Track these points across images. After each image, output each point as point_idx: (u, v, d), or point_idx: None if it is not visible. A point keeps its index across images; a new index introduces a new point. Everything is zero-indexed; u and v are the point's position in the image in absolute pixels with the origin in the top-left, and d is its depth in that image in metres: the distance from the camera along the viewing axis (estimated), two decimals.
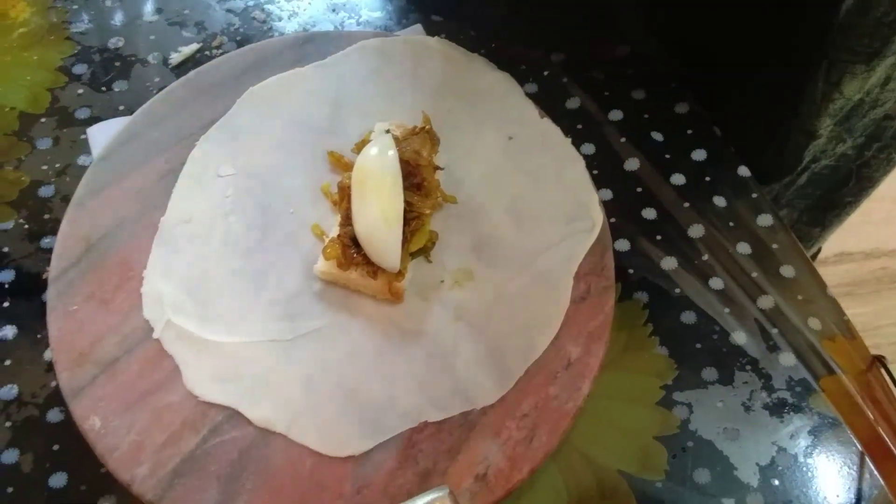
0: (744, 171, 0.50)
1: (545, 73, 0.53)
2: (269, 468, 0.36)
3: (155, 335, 0.39)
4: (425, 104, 0.41)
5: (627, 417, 0.42)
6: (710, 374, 0.43)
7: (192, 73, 0.47)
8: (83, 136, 0.49)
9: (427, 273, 0.41)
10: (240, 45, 0.53)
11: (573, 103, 0.51)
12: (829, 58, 0.28)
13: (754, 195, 0.49)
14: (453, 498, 0.29)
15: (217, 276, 0.40)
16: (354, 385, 0.38)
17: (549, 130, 0.45)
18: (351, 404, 0.37)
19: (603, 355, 0.40)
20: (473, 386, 0.38)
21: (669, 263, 0.46)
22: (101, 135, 0.48)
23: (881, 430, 0.42)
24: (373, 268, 0.39)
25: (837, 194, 0.61)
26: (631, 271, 0.46)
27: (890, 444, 0.42)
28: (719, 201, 0.49)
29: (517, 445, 0.37)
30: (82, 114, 0.50)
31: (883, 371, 0.43)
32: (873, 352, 0.44)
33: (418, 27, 0.53)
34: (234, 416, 0.38)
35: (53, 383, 0.42)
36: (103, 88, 0.51)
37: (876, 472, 0.41)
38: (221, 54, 0.52)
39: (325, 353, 0.39)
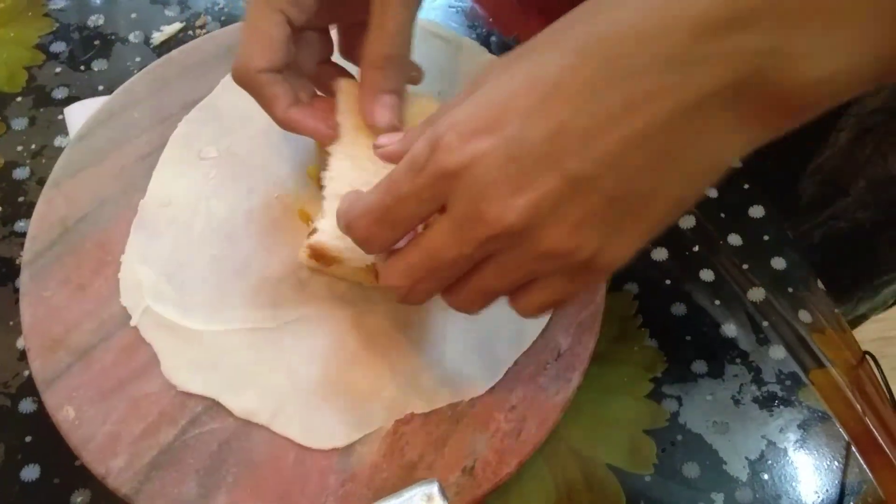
0: (735, 162, 0.49)
1: (486, 66, 0.52)
2: (250, 461, 0.35)
3: (133, 322, 0.37)
4: (415, 86, 0.40)
5: (616, 410, 0.42)
6: (699, 366, 0.43)
7: (174, 52, 0.45)
8: (60, 117, 0.47)
9: None
10: (224, 24, 0.51)
11: None
12: (883, 130, 0.26)
13: (746, 186, 0.48)
14: (442, 491, 0.28)
15: (198, 262, 0.39)
16: (339, 375, 0.37)
17: None
18: (336, 395, 0.36)
19: (593, 346, 0.39)
20: (461, 377, 0.37)
21: (660, 254, 0.46)
22: (78, 115, 0.46)
23: (870, 424, 0.42)
24: None
25: (839, 271, 0.55)
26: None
27: (878, 437, 0.41)
28: (711, 192, 0.48)
29: (505, 438, 0.36)
30: (60, 93, 0.48)
31: (873, 365, 0.43)
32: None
33: None
34: (213, 406, 0.36)
35: (26, 372, 0.40)
36: (82, 67, 0.49)
37: (864, 466, 0.41)
38: (205, 34, 0.51)
39: (309, 343, 0.38)
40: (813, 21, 0.21)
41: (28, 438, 0.39)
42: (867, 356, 0.43)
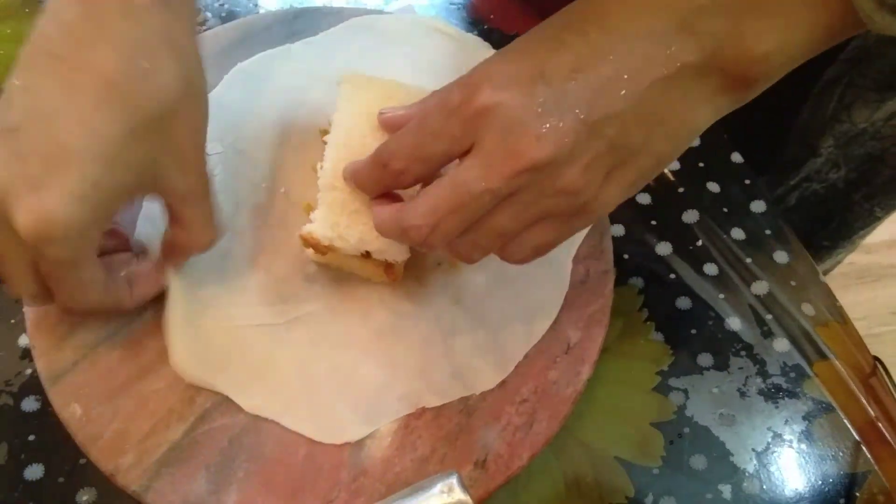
0: (737, 157, 0.49)
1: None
2: (261, 456, 0.35)
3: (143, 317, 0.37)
4: (420, 82, 0.40)
5: (624, 404, 0.42)
6: (705, 359, 0.43)
7: None
8: None
9: (423, 254, 0.40)
10: (225, 21, 0.51)
11: None
12: (846, 80, 0.29)
13: (747, 181, 0.49)
14: (462, 483, 0.28)
15: (205, 258, 0.38)
16: (350, 370, 0.37)
17: None
18: (346, 390, 0.36)
19: (603, 340, 0.39)
20: (472, 371, 0.37)
21: (664, 249, 0.46)
22: None
23: (874, 415, 0.42)
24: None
25: (818, 234, 0.61)
26: (626, 256, 0.46)
27: (883, 428, 0.42)
28: (713, 187, 0.48)
29: (517, 431, 0.36)
30: None
31: (883, 373, 0.43)
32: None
33: (409, 6, 0.52)
34: (223, 402, 0.36)
35: (29, 371, 0.40)
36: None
37: (869, 456, 0.41)
38: (207, 31, 0.50)
39: (319, 338, 0.37)
40: (758, 10, 0.27)
41: (31, 437, 0.38)
42: (876, 361, 0.43)
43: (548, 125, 0.28)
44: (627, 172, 0.30)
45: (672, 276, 0.45)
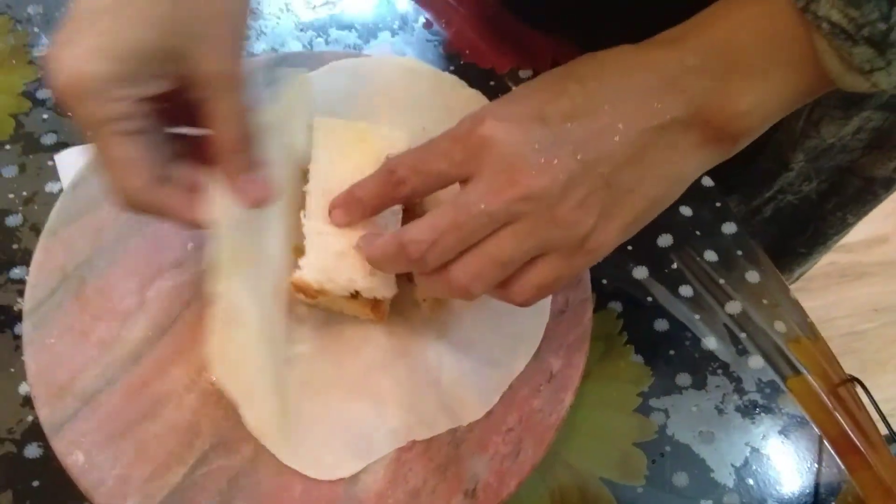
0: (707, 181, 0.51)
1: (513, 88, 0.54)
2: (258, 495, 0.36)
3: None
4: (399, 123, 0.42)
5: (607, 425, 0.43)
6: (684, 379, 0.45)
7: None
8: (50, 163, 0.48)
9: (408, 291, 0.41)
10: None
11: None
12: (813, 100, 0.31)
13: (718, 204, 0.51)
14: None
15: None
16: (341, 407, 0.38)
17: None
18: (339, 426, 0.38)
19: (583, 366, 0.41)
20: (459, 403, 0.39)
21: (641, 273, 0.48)
22: (70, 161, 0.47)
23: (846, 426, 0.44)
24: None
25: (793, 241, 0.64)
26: (605, 282, 0.47)
27: (854, 439, 0.44)
28: (685, 210, 0.50)
29: (504, 460, 0.38)
30: (49, 139, 0.49)
31: (861, 391, 0.45)
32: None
33: (386, 46, 0.54)
34: (220, 444, 0.37)
35: (30, 418, 0.41)
36: (70, 113, 0.50)
37: (843, 467, 0.43)
38: None
39: (310, 377, 0.39)
40: (740, 72, 0.30)
41: (35, 483, 0.39)
42: (854, 381, 0.45)
43: (544, 160, 0.30)
44: (623, 212, 0.32)
45: (649, 299, 0.47)
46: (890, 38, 0.27)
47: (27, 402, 0.41)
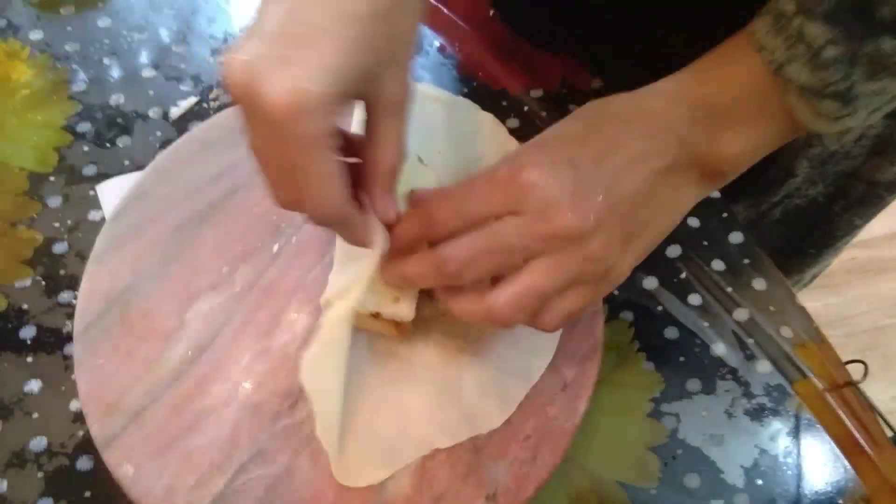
0: (714, 192, 0.53)
1: (525, 108, 0.56)
2: (294, 502, 0.39)
3: None
4: (416, 147, 0.44)
5: (621, 430, 0.46)
6: (694, 385, 0.47)
7: (194, 130, 0.49)
8: (92, 193, 0.51)
9: (427, 306, 0.44)
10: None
11: None
12: None
13: (724, 215, 0.53)
14: None
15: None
16: (369, 418, 0.41)
17: None
18: (367, 436, 0.40)
19: (596, 375, 0.43)
20: (479, 412, 0.41)
21: (651, 283, 0.50)
22: (110, 191, 0.50)
23: (851, 428, 0.46)
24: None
25: (803, 243, 0.66)
26: (616, 293, 0.49)
27: (860, 439, 0.45)
28: (693, 222, 0.52)
29: (523, 465, 0.40)
30: (89, 170, 0.52)
31: (855, 391, 0.46)
32: (847, 342, 0.48)
33: None
34: (257, 455, 0.40)
35: (81, 433, 0.44)
36: (108, 145, 0.53)
37: (849, 466, 0.45)
38: (219, 106, 0.55)
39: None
40: (727, 123, 0.36)
41: (87, 494, 0.42)
42: (850, 385, 0.47)
43: (575, 201, 0.34)
44: (637, 244, 0.36)
45: (659, 308, 0.49)
46: (852, 93, 0.31)
47: (78, 417, 0.44)
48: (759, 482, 0.44)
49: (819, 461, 0.45)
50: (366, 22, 0.31)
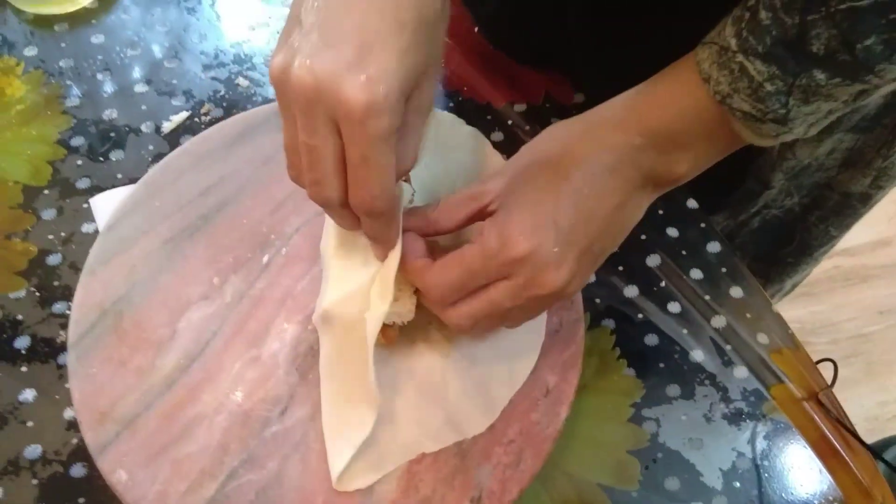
0: (692, 203, 0.55)
1: (509, 122, 0.58)
2: None
3: None
4: None
5: (602, 434, 0.47)
6: (673, 390, 0.48)
7: (187, 144, 0.51)
8: (85, 205, 0.52)
9: (415, 317, 0.45)
10: (226, 110, 0.57)
11: None
12: None
13: (702, 225, 0.54)
14: None
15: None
16: (356, 423, 0.42)
17: None
18: (355, 441, 0.41)
19: (577, 382, 0.44)
20: (464, 417, 0.42)
21: (631, 291, 0.52)
22: (103, 204, 0.51)
23: (826, 431, 0.47)
24: None
25: (781, 251, 0.68)
26: (598, 301, 0.51)
27: (834, 442, 0.47)
28: (672, 232, 0.54)
29: (506, 469, 0.41)
30: (83, 184, 0.53)
31: (830, 396, 0.48)
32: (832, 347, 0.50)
33: None
34: (247, 461, 0.41)
35: (74, 441, 0.45)
36: (101, 158, 0.54)
37: (823, 469, 0.46)
38: (210, 120, 0.56)
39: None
40: (676, 147, 0.38)
41: (81, 500, 0.43)
42: (828, 388, 0.48)
43: (560, 262, 0.37)
44: (597, 265, 0.41)
45: (640, 315, 0.51)
46: (789, 116, 0.35)
47: (71, 426, 0.45)
48: (737, 484, 0.46)
49: (795, 464, 0.47)
50: (416, 29, 0.33)
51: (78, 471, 0.44)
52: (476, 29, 0.62)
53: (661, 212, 0.54)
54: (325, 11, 0.33)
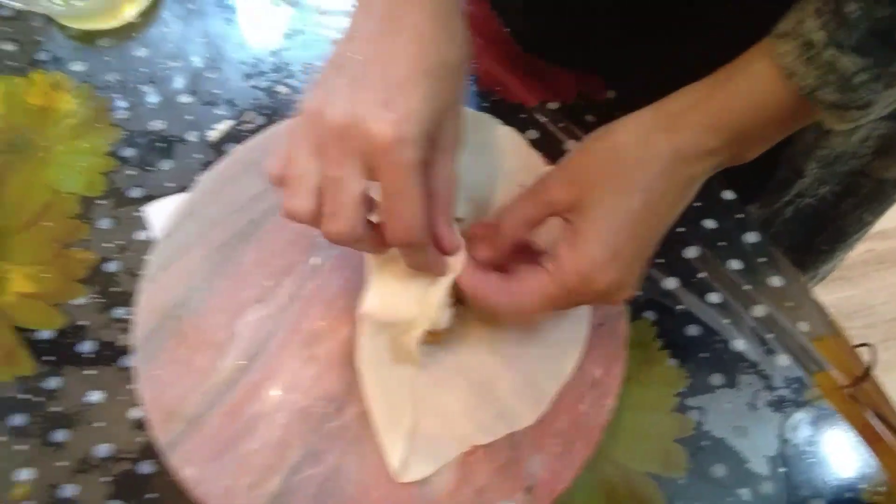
0: (728, 194, 0.56)
1: (542, 120, 0.59)
2: (345, 498, 0.42)
3: None
4: None
5: (648, 424, 0.48)
6: (717, 379, 0.49)
7: (237, 151, 0.52)
8: (137, 214, 0.54)
9: (462, 313, 0.46)
10: (269, 118, 0.58)
11: (570, 146, 0.57)
12: None
13: (739, 216, 0.55)
14: None
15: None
16: (414, 419, 0.44)
17: None
18: (413, 435, 0.43)
19: (622, 373, 0.46)
20: (514, 410, 0.44)
21: (671, 283, 0.52)
22: (156, 212, 0.53)
23: (869, 416, 0.48)
24: None
25: (815, 240, 0.68)
26: (639, 294, 0.52)
27: (877, 427, 0.48)
28: (710, 223, 0.55)
29: (557, 459, 0.43)
30: (135, 193, 0.55)
31: (872, 381, 0.49)
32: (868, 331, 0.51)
33: None
34: (308, 456, 0.43)
35: (141, 439, 0.47)
36: (151, 168, 0.56)
37: (871, 453, 0.47)
38: (253, 128, 0.58)
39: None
40: (751, 140, 0.39)
41: (151, 496, 0.45)
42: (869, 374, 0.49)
43: (632, 280, 0.40)
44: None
45: (680, 307, 0.52)
46: (872, 102, 0.35)
47: (137, 425, 0.47)
48: (784, 470, 0.47)
49: (840, 449, 0.47)
50: (439, 75, 0.37)
51: (146, 467, 0.46)
52: (507, 30, 0.63)
53: (697, 204, 0.55)
54: (359, 62, 0.37)
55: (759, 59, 0.37)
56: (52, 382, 0.49)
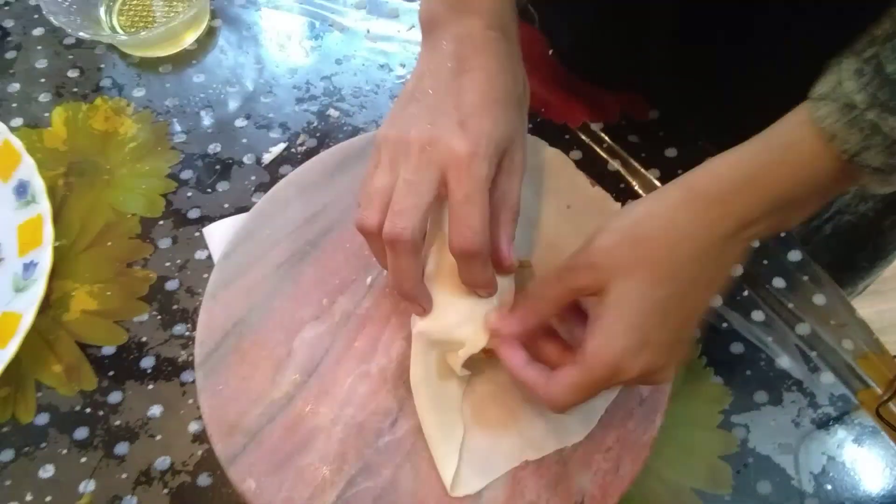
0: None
1: (587, 140, 0.60)
2: None
3: None
4: None
5: (694, 441, 0.49)
6: (761, 396, 0.50)
7: (291, 175, 0.54)
8: (196, 234, 0.57)
9: None
10: (320, 141, 0.61)
11: (614, 166, 0.59)
12: None
13: (783, 234, 0.56)
14: None
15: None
16: (465, 435, 0.45)
17: (601, 197, 0.53)
18: (464, 451, 0.44)
19: (669, 390, 0.46)
20: (564, 427, 0.45)
21: (715, 301, 0.53)
22: (214, 233, 0.56)
23: None
24: None
25: (856, 256, 0.68)
26: None
27: None
28: (753, 242, 0.55)
29: (606, 475, 0.44)
30: (194, 214, 0.58)
31: None
32: None
33: None
34: (364, 469, 0.45)
35: (199, 452, 0.49)
36: (209, 190, 0.59)
37: None
38: (306, 150, 0.60)
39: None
40: (793, 208, 0.38)
41: None
42: None
43: (669, 364, 0.40)
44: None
45: (724, 324, 0.53)
46: None
47: (196, 438, 0.49)
48: (829, 487, 0.47)
49: (886, 466, 0.48)
50: (506, 105, 0.43)
51: (204, 480, 0.48)
52: (550, 52, 0.64)
53: None
54: (432, 95, 0.42)
55: (796, 124, 0.36)
56: (114, 397, 0.51)
